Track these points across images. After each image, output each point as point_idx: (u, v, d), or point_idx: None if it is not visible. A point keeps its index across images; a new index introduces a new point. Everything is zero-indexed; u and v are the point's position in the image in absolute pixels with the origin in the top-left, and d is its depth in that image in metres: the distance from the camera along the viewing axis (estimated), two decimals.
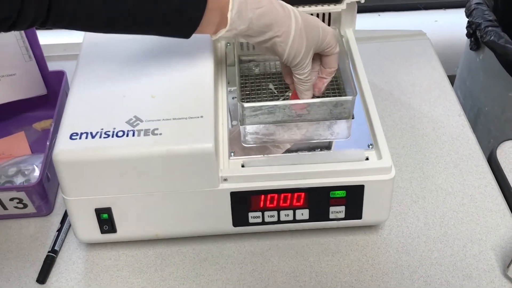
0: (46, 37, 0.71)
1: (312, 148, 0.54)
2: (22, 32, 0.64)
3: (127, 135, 0.50)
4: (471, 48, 0.88)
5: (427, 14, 1.40)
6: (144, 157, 0.49)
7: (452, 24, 1.33)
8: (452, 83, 0.95)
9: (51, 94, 0.70)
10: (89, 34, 0.61)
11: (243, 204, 0.53)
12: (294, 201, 0.53)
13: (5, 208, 0.58)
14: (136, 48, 0.59)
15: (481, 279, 0.54)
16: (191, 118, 0.51)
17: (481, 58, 0.86)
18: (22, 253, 0.57)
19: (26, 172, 0.60)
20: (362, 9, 0.64)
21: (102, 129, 0.50)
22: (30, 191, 0.56)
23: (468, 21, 0.86)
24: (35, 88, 0.68)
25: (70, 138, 0.50)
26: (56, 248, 0.57)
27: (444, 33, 1.31)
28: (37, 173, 0.61)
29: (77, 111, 0.52)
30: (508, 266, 0.53)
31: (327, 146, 0.54)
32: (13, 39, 0.64)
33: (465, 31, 0.89)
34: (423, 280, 0.54)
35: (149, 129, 0.50)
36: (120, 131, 0.50)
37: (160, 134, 0.50)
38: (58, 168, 0.49)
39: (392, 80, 0.77)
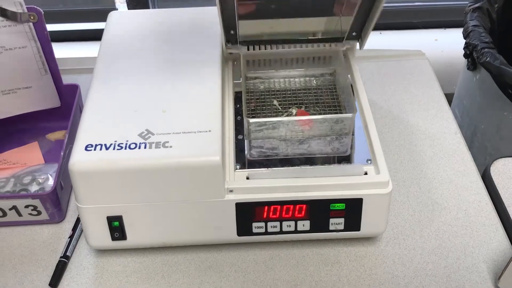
0: (61, 50, 0.74)
1: (313, 162, 0.57)
2: (39, 47, 0.67)
3: (139, 147, 0.53)
4: (468, 68, 0.91)
5: (427, 33, 1.43)
6: (155, 168, 0.52)
7: (451, 43, 1.36)
8: (450, 101, 0.98)
9: (65, 106, 0.73)
10: (104, 50, 0.64)
11: (248, 214, 0.55)
12: (296, 212, 0.56)
13: (20, 214, 0.61)
14: (148, 65, 0.62)
15: None
16: (200, 132, 0.54)
17: (478, 78, 0.89)
18: (35, 258, 0.60)
19: (40, 181, 0.63)
20: None
21: (115, 141, 0.53)
22: (44, 199, 0.59)
23: (466, 42, 0.89)
24: (50, 100, 0.71)
25: (85, 149, 0.52)
26: (68, 253, 0.59)
27: (444, 51, 1.34)
28: (51, 181, 0.64)
29: (92, 124, 0.55)
30: (499, 278, 0.56)
31: (328, 161, 0.57)
32: (31, 53, 0.67)
33: (464, 50, 0.92)
34: None
35: (160, 142, 0.53)
36: (132, 143, 0.53)
37: (171, 146, 0.52)
38: (73, 177, 0.52)
39: (391, 98, 0.80)
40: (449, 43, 1.37)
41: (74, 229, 0.62)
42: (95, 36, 1.34)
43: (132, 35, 0.67)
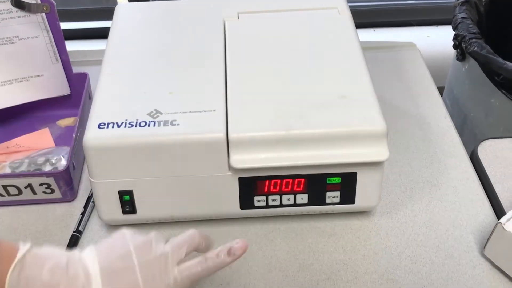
0: (71, 44, 0.77)
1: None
2: (51, 36, 0.71)
3: (149, 125, 0.56)
4: (457, 59, 0.96)
5: (420, 30, 1.48)
6: (163, 144, 0.56)
7: (443, 39, 1.41)
8: (442, 93, 1.02)
9: (74, 94, 0.76)
10: (112, 39, 0.68)
11: (250, 188, 0.59)
12: (295, 186, 0.59)
13: (34, 193, 0.64)
14: (155, 51, 0.66)
15: (461, 259, 0.60)
16: (205, 111, 0.58)
17: (467, 68, 0.94)
18: (49, 234, 0.64)
19: (53, 161, 0.67)
20: (359, 25, 0.71)
21: (126, 119, 0.57)
22: (58, 177, 0.63)
23: (455, 34, 0.94)
24: (60, 88, 0.75)
25: (98, 127, 0.56)
26: (80, 229, 0.63)
27: (436, 47, 1.39)
28: (63, 162, 0.67)
29: (104, 105, 0.59)
30: (485, 247, 0.60)
31: None
32: (43, 43, 0.71)
33: (453, 41, 0.96)
34: (410, 259, 0.60)
35: (167, 120, 0.57)
36: (142, 121, 0.57)
37: (178, 124, 0.56)
38: (87, 153, 0.56)
39: (384, 86, 0.84)
40: (440, 39, 1.42)
41: (85, 206, 0.65)
42: (101, 34, 1.38)
43: (139, 25, 0.71)
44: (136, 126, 0.56)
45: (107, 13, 1.42)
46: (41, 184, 0.63)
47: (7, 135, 0.75)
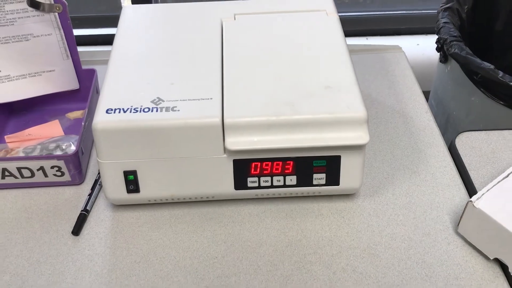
0: (79, 46, 0.83)
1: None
2: (63, 34, 0.77)
3: (152, 111, 0.62)
4: (440, 61, 1.02)
5: (410, 38, 1.55)
6: (164, 127, 0.61)
7: (431, 47, 1.48)
8: (429, 95, 1.08)
9: (82, 88, 0.82)
10: (119, 37, 0.74)
11: (243, 170, 0.65)
12: (285, 168, 0.65)
13: (46, 175, 0.70)
14: (159, 48, 0.72)
15: (437, 236, 0.66)
16: (203, 99, 0.64)
17: (449, 69, 1.00)
18: (59, 213, 0.69)
19: (63, 147, 0.73)
20: (351, 34, 0.77)
21: (131, 106, 0.63)
22: (68, 160, 0.69)
23: (438, 37, 1.00)
24: (70, 83, 0.81)
25: (106, 112, 0.62)
26: (87, 208, 0.69)
27: (425, 54, 1.45)
28: (73, 147, 0.73)
29: (111, 93, 0.65)
30: (458, 225, 0.65)
31: None
32: (55, 40, 0.77)
33: (436, 44, 1.03)
34: (390, 237, 0.66)
35: (169, 107, 0.63)
36: (146, 108, 0.63)
37: (178, 110, 0.62)
38: (96, 135, 0.62)
39: (371, 85, 0.90)
40: (429, 46, 1.49)
41: (92, 188, 0.71)
42: (100, 41, 1.45)
43: (144, 25, 0.78)
44: (140, 111, 0.62)
45: (109, 21, 1.50)
46: (52, 167, 0.69)
47: (20, 126, 0.81)
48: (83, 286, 0.61)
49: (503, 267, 0.62)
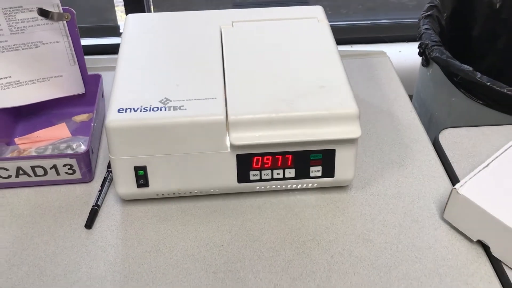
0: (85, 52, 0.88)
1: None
2: (70, 41, 0.81)
3: (160, 110, 0.67)
4: (422, 65, 1.09)
5: (392, 46, 1.62)
6: (172, 125, 0.66)
7: (413, 53, 1.55)
8: (412, 98, 1.15)
9: (88, 93, 0.87)
10: (125, 44, 0.79)
11: (246, 164, 0.70)
12: (284, 162, 0.70)
13: (58, 173, 0.74)
14: (164, 52, 0.77)
15: (425, 222, 0.72)
16: (207, 99, 0.69)
17: (430, 72, 1.06)
18: (71, 208, 0.73)
19: (74, 147, 0.77)
20: (336, 42, 0.82)
21: (141, 105, 0.67)
22: (79, 158, 0.73)
23: (419, 43, 1.07)
24: (76, 87, 0.86)
25: (118, 111, 0.67)
26: (98, 203, 0.73)
27: (406, 60, 1.53)
28: (83, 147, 0.77)
29: (122, 94, 0.69)
30: (444, 211, 0.71)
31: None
32: (63, 47, 0.82)
33: (418, 49, 1.10)
34: (381, 224, 0.71)
35: (176, 106, 0.68)
36: (155, 107, 0.67)
37: (185, 109, 0.67)
38: (108, 133, 0.66)
39: (359, 87, 0.96)
40: (411, 53, 1.56)
41: (102, 185, 0.75)
42: (101, 51, 1.49)
43: (147, 31, 0.82)
44: (149, 110, 0.67)
45: (104, 31, 1.54)
46: (64, 165, 0.73)
47: (28, 129, 0.85)
48: (98, 274, 0.65)
49: (485, 248, 0.68)
